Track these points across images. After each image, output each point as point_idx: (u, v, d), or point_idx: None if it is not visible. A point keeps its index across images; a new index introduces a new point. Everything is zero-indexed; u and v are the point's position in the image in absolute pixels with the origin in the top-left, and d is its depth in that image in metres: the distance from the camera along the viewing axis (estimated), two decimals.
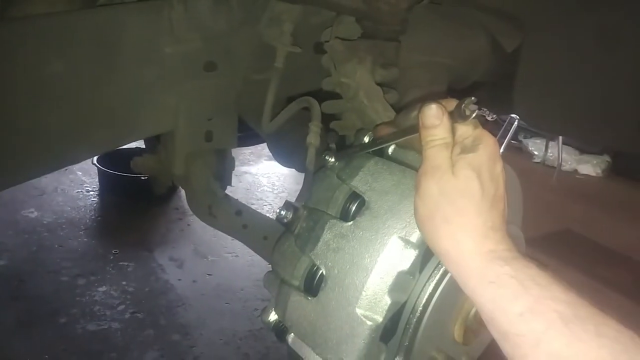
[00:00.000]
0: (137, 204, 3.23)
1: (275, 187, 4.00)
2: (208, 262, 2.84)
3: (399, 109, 1.04)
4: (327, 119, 1.14)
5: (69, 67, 1.10)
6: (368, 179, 0.78)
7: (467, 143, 0.64)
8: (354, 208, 0.80)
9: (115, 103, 1.18)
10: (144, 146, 2.58)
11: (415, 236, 0.70)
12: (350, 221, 0.76)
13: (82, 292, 2.49)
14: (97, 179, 3.57)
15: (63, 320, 2.28)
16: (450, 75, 1.41)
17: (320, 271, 0.77)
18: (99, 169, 3.41)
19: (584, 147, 4.58)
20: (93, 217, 3.25)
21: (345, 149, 0.85)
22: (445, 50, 1.39)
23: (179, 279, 2.69)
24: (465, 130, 0.65)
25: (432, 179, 0.64)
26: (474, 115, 0.62)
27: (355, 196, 0.79)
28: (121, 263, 2.76)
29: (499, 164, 0.65)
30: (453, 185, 0.62)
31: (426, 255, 0.72)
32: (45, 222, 3.09)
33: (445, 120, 0.64)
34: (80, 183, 3.63)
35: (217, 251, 2.90)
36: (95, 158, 3.45)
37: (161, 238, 3.05)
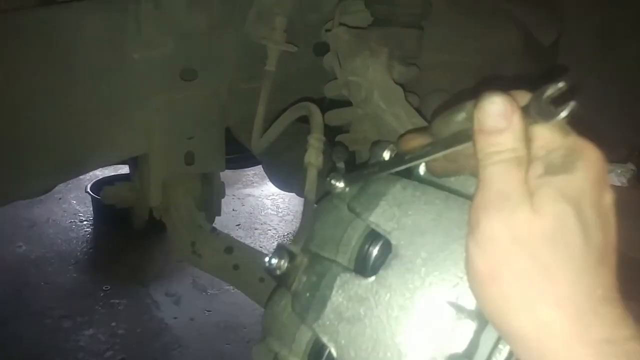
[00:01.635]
0: (132, 233, 3.00)
1: (280, 210, 3.77)
2: (207, 296, 2.59)
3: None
4: (332, 131, 0.91)
5: (12, 76, 0.89)
6: (394, 211, 0.54)
7: (554, 158, 0.41)
8: (374, 254, 0.56)
9: (73, 121, 0.95)
10: None
11: (471, 300, 0.46)
12: (370, 276, 0.52)
13: (67, 336, 2.24)
14: (91, 208, 3.35)
15: None
16: (475, 77, 1.19)
17: (328, 350, 0.53)
18: (92, 197, 3.20)
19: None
20: (85, 249, 3.02)
21: (357, 169, 0.62)
22: (470, 47, 1.16)
23: (175, 317, 2.44)
24: (551, 137, 0.41)
25: (497, 215, 0.40)
26: (565, 112, 0.39)
27: (375, 237, 0.56)
28: (112, 301, 2.52)
29: (608, 193, 0.41)
30: (535, 227, 0.39)
31: (481, 324, 0.48)
32: (33, 257, 2.87)
33: (517, 120, 0.41)
34: (74, 212, 3.42)
35: (218, 283, 2.66)
36: (88, 186, 3.24)
37: (157, 270, 2.82)
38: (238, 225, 3.52)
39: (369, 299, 0.51)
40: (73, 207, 3.49)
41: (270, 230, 3.50)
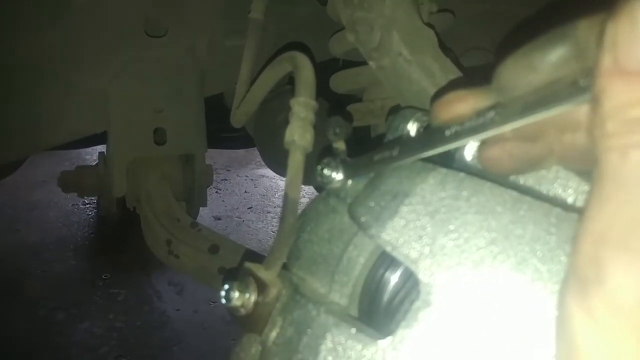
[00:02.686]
0: (136, 217, 2.82)
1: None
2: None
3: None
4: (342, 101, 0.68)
5: None
6: (423, 223, 0.32)
7: None
8: (389, 289, 0.35)
9: (14, 85, 0.74)
10: None
11: None
12: (383, 333, 0.31)
13: (60, 330, 2.08)
14: None
15: None
16: (524, 31, 0.94)
17: None
18: None
19: None
20: (86, 234, 2.86)
21: (367, 152, 0.39)
22: None
23: (178, 309, 2.26)
24: None
25: None
26: None
27: (392, 265, 0.34)
28: (111, 290, 2.35)
29: None
30: None
31: None
32: (31, 242, 2.71)
33: None
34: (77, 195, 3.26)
35: None
36: None
37: None
38: (250, 208, 3.33)
39: None
40: None
41: None
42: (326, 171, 0.39)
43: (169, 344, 2.05)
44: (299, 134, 0.40)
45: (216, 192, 3.50)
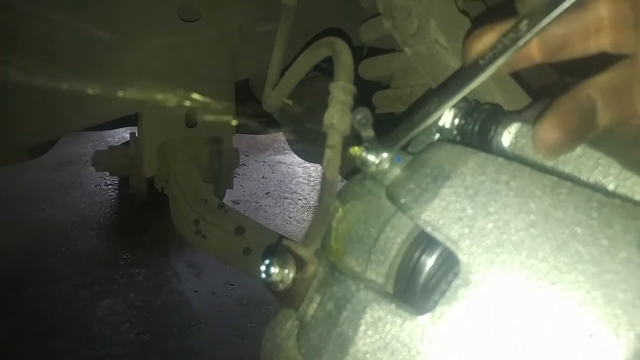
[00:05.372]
0: (157, 198, 2.87)
1: (312, 179, 3.58)
2: (231, 269, 2.44)
3: None
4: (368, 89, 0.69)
5: None
6: (464, 205, 0.33)
7: None
8: (426, 270, 0.37)
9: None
10: None
11: None
12: (421, 309, 0.32)
13: (83, 306, 2.14)
14: None
15: (53, 343, 1.94)
16: None
17: None
18: None
19: None
20: (108, 214, 2.92)
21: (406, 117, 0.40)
22: None
23: (196, 291, 2.30)
24: None
25: None
26: None
27: (429, 244, 0.35)
28: (132, 270, 2.40)
29: None
30: None
31: None
32: (55, 221, 2.78)
33: None
34: (100, 176, 3.31)
35: None
36: None
37: (181, 239, 2.66)
38: (267, 193, 3.36)
39: (419, 353, 0.31)
40: None
41: (300, 199, 3.32)
42: (364, 154, 0.40)
43: (187, 324, 2.09)
44: (337, 118, 0.41)
45: (234, 176, 3.54)
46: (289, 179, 3.56)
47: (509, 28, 0.31)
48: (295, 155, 3.89)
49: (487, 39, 0.33)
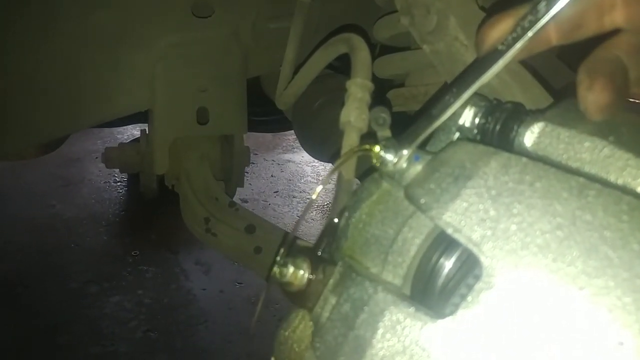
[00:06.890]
0: (166, 195, 2.87)
1: (321, 178, 3.57)
2: (239, 267, 2.44)
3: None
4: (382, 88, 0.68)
5: None
6: (487, 207, 0.32)
7: None
8: (445, 272, 0.36)
9: (58, 64, 0.76)
10: None
11: None
12: (440, 312, 0.31)
13: (91, 302, 2.15)
14: None
15: (62, 339, 1.94)
16: None
17: None
18: None
19: None
20: (117, 211, 2.93)
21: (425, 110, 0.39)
22: None
23: (204, 289, 2.30)
24: None
25: None
26: None
27: (448, 245, 0.35)
28: (140, 267, 2.41)
29: None
30: None
31: None
32: (65, 217, 2.79)
33: None
34: (109, 172, 3.32)
35: None
36: None
37: (189, 236, 2.66)
38: (276, 192, 3.36)
39: (439, 358, 0.30)
40: None
41: (309, 199, 3.32)
42: (382, 153, 0.40)
43: (194, 322, 2.10)
44: (355, 115, 0.40)
45: None
46: (298, 177, 3.55)
47: (527, 10, 0.31)
48: (304, 154, 3.88)
49: (502, 26, 0.33)
